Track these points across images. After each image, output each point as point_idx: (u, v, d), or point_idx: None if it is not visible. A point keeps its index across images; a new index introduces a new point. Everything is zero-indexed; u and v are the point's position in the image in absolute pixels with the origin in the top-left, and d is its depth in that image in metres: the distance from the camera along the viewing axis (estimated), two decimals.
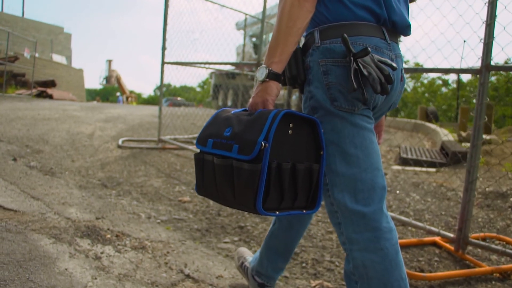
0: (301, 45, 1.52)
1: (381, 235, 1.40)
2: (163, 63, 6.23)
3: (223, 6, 6.81)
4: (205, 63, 6.23)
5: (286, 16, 1.37)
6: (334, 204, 1.44)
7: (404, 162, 6.94)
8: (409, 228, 3.57)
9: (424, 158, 7.05)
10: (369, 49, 1.35)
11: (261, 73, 1.39)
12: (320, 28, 1.45)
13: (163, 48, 6.21)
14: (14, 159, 4.87)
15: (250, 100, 1.44)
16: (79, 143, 6.12)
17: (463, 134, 9.39)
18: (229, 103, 19.05)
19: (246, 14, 8.21)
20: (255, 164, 1.26)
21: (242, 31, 22.12)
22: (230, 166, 1.33)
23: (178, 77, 23.64)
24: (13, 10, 57.72)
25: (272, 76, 1.38)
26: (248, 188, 1.28)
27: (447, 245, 3.15)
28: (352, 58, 1.35)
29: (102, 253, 2.54)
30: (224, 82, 19.70)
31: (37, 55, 20.09)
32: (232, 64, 7.21)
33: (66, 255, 2.43)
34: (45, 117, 8.04)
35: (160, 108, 6.48)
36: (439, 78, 26.60)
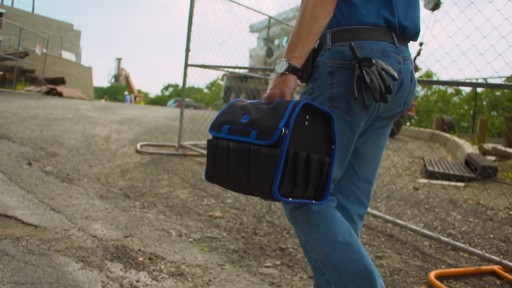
0: (315, 46, 1.56)
1: (318, 206, 1.53)
2: (186, 65, 5.92)
3: (248, 8, 6.51)
4: (232, 67, 5.93)
5: (309, 15, 1.43)
6: None
7: (431, 175, 6.63)
8: (461, 253, 3.25)
9: (451, 172, 6.73)
10: (373, 60, 1.40)
11: (281, 66, 1.44)
12: (332, 31, 1.52)
13: (187, 50, 5.90)
14: (29, 163, 4.58)
15: (268, 91, 1.47)
16: (96, 147, 5.83)
17: (486, 147, 9.07)
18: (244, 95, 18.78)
19: (270, 17, 7.90)
20: (274, 148, 1.29)
21: (256, 34, 21.90)
22: (247, 151, 1.34)
23: (190, 79, 23.28)
24: (24, 5, 57.70)
25: (291, 69, 1.43)
26: (265, 172, 1.30)
27: (509, 275, 2.84)
28: (357, 64, 1.41)
29: (137, 281, 2.23)
30: (236, 84, 19.42)
31: (45, 51, 19.85)
32: (259, 69, 6.89)
33: (99, 284, 2.13)
34: (58, 117, 7.76)
35: (182, 112, 6.15)
36: (451, 87, 26.19)
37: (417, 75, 11.51)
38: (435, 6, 6.49)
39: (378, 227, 3.63)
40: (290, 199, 1.37)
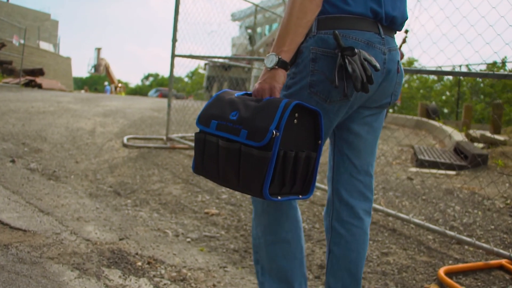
0: None
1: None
2: (173, 55, 5.72)
3: None
4: (222, 57, 5.75)
5: (298, 8, 1.41)
6: None
7: (421, 164, 6.57)
8: (466, 247, 3.17)
9: (442, 160, 6.68)
10: (356, 49, 1.40)
11: (270, 60, 1.41)
12: (319, 18, 1.48)
13: (174, 40, 5.69)
14: (13, 161, 4.38)
15: (256, 85, 1.45)
16: (81, 141, 5.62)
17: (473, 134, 9.05)
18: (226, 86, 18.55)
19: (256, 5, 7.71)
20: (265, 151, 1.29)
21: (237, 22, 21.67)
22: (238, 150, 1.34)
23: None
24: None
25: (281, 64, 1.41)
26: (255, 174, 1.30)
27: None
28: (340, 53, 1.40)
29: None
30: (218, 74, 19.17)
31: (22, 42, 19.34)
32: (248, 59, 6.72)
33: None
34: (40, 111, 7.51)
35: (169, 104, 5.95)
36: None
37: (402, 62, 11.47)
38: None
39: (380, 221, 3.53)
40: (279, 197, 1.37)
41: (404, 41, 10.62)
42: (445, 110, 23.37)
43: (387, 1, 1.52)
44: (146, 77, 78.65)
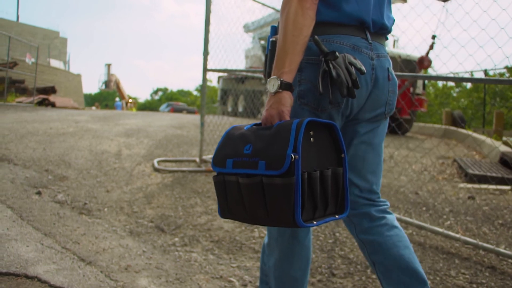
0: None
1: (293, 232, 1.56)
2: (205, 69, 5.24)
3: (264, 5, 5.85)
4: (258, 71, 5.28)
5: (292, 26, 1.36)
6: None
7: (470, 179, 6.05)
8: None
9: (492, 174, 6.15)
10: (337, 53, 1.36)
11: (272, 85, 1.36)
12: None
13: (205, 53, 5.22)
14: (39, 192, 3.91)
15: (264, 113, 1.39)
16: (108, 166, 5.16)
17: (511, 142, 8.48)
18: (240, 109, 18.07)
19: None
20: (287, 177, 1.23)
21: (251, 34, 21.24)
22: (260, 184, 1.27)
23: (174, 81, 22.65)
24: (8, 15, 56.58)
25: (284, 86, 1.36)
26: (284, 203, 1.24)
27: None
28: (323, 58, 1.37)
29: None
30: (233, 87, 18.74)
31: (33, 60, 19.04)
32: None
33: None
34: (59, 132, 7.07)
35: (203, 123, 5.46)
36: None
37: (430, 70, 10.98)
38: None
39: (472, 256, 3.01)
40: (315, 222, 1.31)
41: (431, 47, 10.15)
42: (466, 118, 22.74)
43: (374, 8, 1.48)
44: (155, 92, 78.48)
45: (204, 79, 5.33)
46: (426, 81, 14.28)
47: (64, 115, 10.41)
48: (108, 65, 38.09)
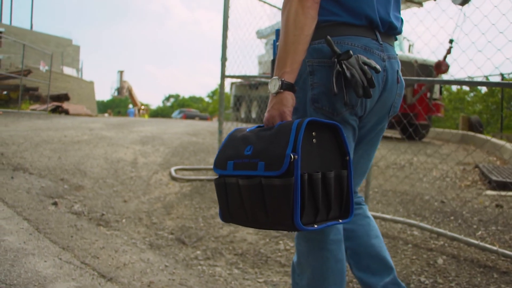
0: None
1: (325, 246, 1.43)
2: (223, 76, 5.12)
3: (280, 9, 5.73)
4: (266, 77, 5.15)
5: (292, 25, 1.35)
6: None
7: (495, 185, 5.86)
8: None
9: None
10: (351, 51, 1.32)
11: (274, 85, 1.34)
12: None
13: (223, 59, 5.11)
14: (55, 203, 3.81)
15: (266, 114, 1.37)
16: (124, 175, 5.05)
17: None
18: (254, 115, 17.96)
19: None
20: (286, 178, 1.19)
21: (264, 40, 21.17)
22: (259, 185, 1.24)
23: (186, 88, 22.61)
24: (22, 23, 57.10)
25: (286, 86, 1.33)
26: (283, 204, 1.19)
27: None
28: (336, 59, 1.33)
29: None
30: (246, 93, 18.64)
31: (47, 68, 19.11)
32: None
33: None
34: (74, 140, 6.99)
35: (221, 130, 5.32)
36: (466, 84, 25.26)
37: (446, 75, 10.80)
38: (464, 0, 5.74)
39: None
40: (316, 226, 1.26)
41: (449, 51, 9.95)
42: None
43: (380, 6, 1.45)
44: (167, 98, 78.76)
45: (222, 85, 5.20)
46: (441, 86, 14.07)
47: (78, 122, 10.36)
48: (121, 72, 38.24)
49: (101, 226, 3.42)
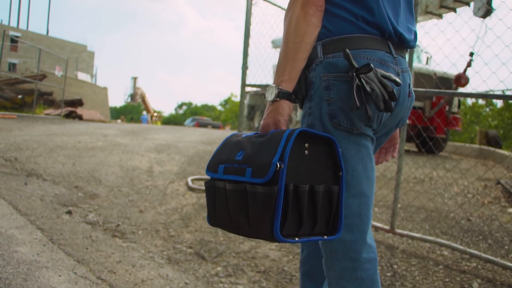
0: None
1: (358, 266, 1.34)
2: (243, 84, 4.98)
3: None
4: None
5: (293, 32, 1.31)
6: None
7: None
8: None
9: None
10: (372, 65, 1.26)
11: (270, 93, 1.32)
12: (323, 42, 1.37)
13: (244, 67, 4.97)
14: (69, 212, 3.68)
15: (261, 122, 1.35)
16: (139, 183, 4.93)
17: None
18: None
19: None
20: (270, 186, 1.15)
21: (279, 49, 21.12)
22: (244, 191, 1.21)
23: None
24: (38, 28, 57.63)
25: (282, 95, 1.31)
26: (264, 213, 1.16)
27: None
28: (354, 73, 1.28)
29: None
30: (261, 102, 18.55)
31: (62, 73, 19.16)
32: None
33: None
34: (88, 146, 6.89)
35: None
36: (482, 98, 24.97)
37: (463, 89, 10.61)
38: (487, 12, 5.57)
39: None
40: (297, 238, 1.21)
41: (469, 64, 9.76)
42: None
43: (391, 16, 1.39)
44: (180, 106, 78.93)
45: (243, 94, 5.06)
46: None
47: (92, 128, 10.29)
48: (134, 78, 38.37)
49: (117, 237, 3.28)
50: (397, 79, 1.34)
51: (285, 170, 1.16)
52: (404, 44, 1.46)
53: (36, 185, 4.37)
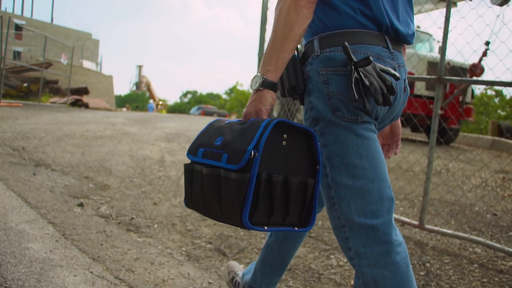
0: (300, 55, 1.42)
1: (391, 249, 1.31)
2: None
3: None
4: None
5: (282, 22, 1.30)
6: (341, 218, 1.35)
7: None
8: None
9: None
10: (371, 58, 1.26)
11: (255, 82, 1.31)
12: (320, 36, 1.38)
13: (261, 54, 4.75)
14: (81, 205, 3.52)
15: (244, 110, 1.36)
16: (151, 174, 4.76)
17: None
18: (275, 113, 17.64)
19: None
20: (243, 173, 1.17)
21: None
22: (218, 176, 1.23)
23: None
24: (43, 16, 57.35)
25: (266, 84, 1.30)
26: (235, 199, 1.18)
27: None
28: (353, 67, 1.28)
29: None
30: None
31: (66, 61, 18.98)
32: None
33: None
34: (97, 135, 6.72)
35: None
36: (490, 88, 24.69)
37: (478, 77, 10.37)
38: (504, 0, 5.33)
39: None
40: (266, 227, 1.22)
41: (484, 54, 9.51)
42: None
43: (388, 10, 1.36)
44: (185, 95, 78.60)
45: None
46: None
47: (99, 117, 10.12)
48: (140, 67, 38.17)
49: (132, 232, 3.12)
50: (397, 74, 1.32)
51: (258, 158, 1.17)
52: (400, 39, 1.44)
53: (45, 176, 4.20)
